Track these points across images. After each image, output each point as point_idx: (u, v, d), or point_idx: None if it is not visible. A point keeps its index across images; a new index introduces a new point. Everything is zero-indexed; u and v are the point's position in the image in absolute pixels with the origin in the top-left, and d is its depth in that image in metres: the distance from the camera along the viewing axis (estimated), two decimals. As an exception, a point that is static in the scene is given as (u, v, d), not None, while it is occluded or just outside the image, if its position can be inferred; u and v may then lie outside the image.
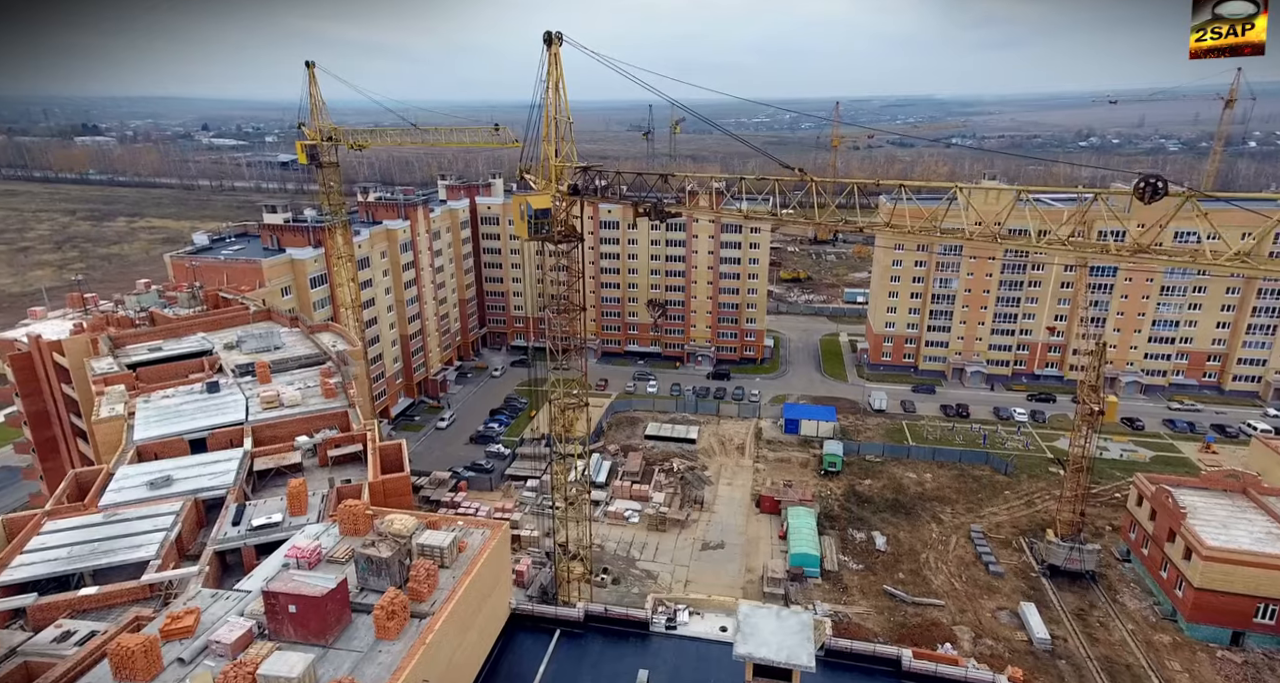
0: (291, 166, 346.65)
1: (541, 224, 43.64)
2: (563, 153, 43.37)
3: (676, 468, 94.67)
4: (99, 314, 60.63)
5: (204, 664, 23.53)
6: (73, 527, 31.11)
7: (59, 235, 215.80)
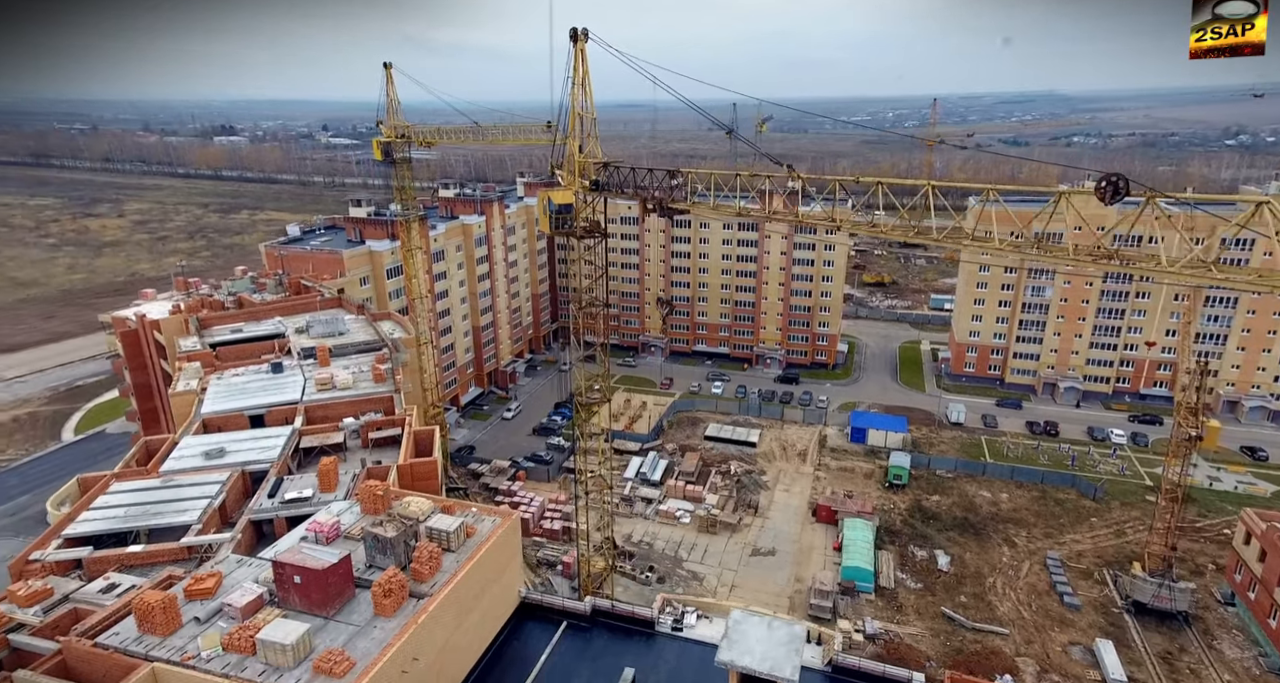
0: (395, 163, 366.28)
1: (563, 219, 44.23)
2: (587, 149, 43.78)
3: (734, 471, 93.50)
4: (197, 297, 66.55)
5: (216, 625, 25.52)
6: (134, 489, 34.54)
7: (192, 226, 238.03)
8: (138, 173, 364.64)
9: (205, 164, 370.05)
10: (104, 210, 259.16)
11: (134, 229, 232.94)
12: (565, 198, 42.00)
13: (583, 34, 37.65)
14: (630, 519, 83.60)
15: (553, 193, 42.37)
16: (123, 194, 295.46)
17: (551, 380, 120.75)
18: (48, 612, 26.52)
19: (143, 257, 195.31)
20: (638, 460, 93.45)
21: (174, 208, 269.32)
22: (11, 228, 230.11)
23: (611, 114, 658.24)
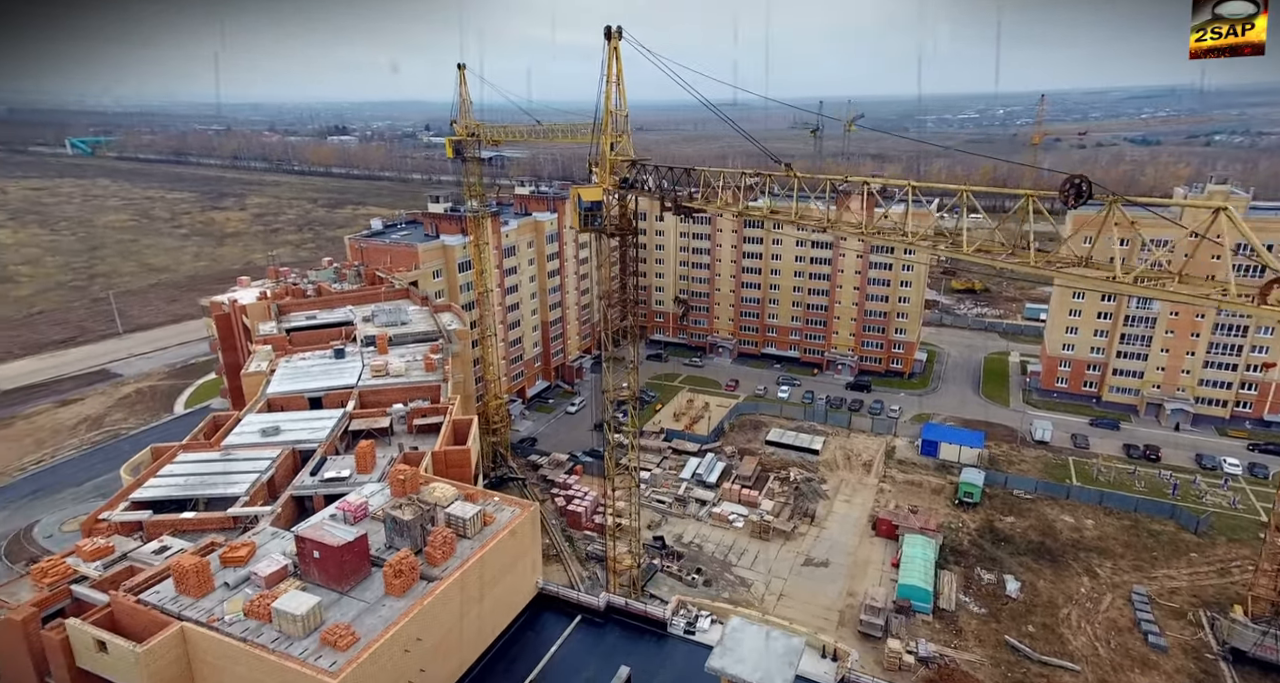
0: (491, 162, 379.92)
1: (593, 216, 44.57)
2: (618, 147, 43.89)
3: (793, 478, 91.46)
4: (283, 285, 71.71)
5: (243, 592, 27.58)
6: (196, 460, 37.79)
7: (301, 219, 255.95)
8: (260, 170, 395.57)
9: (318, 162, 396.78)
10: (228, 204, 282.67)
11: (252, 221, 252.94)
12: (594, 195, 42.47)
13: (617, 32, 37.85)
14: (683, 520, 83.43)
15: (582, 190, 42.96)
16: (246, 189, 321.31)
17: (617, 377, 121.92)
18: (107, 568, 29.50)
19: (257, 247, 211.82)
20: (695, 461, 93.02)
21: (288, 202, 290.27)
22: (151, 219, 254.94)
23: (703, 114, 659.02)
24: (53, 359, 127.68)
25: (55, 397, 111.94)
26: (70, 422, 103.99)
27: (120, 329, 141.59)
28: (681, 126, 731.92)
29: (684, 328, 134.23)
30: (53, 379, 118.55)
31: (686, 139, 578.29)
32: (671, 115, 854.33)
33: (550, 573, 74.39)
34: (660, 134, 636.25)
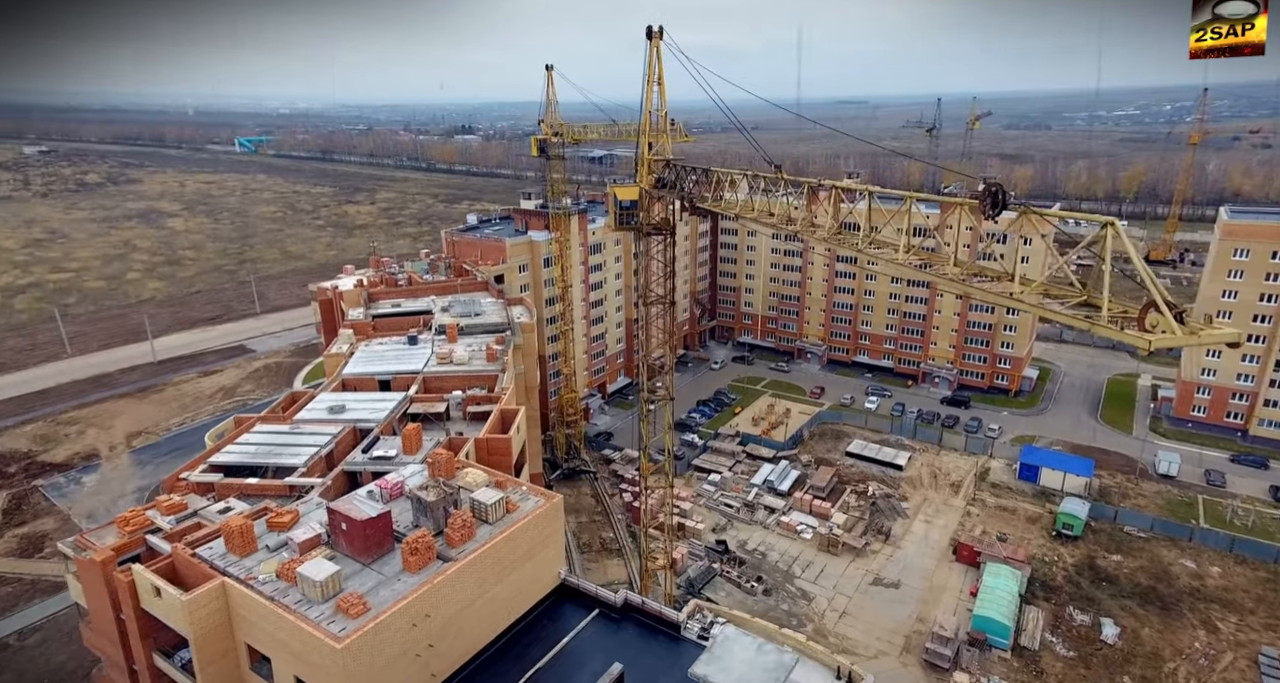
0: (601, 161, 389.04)
1: (629, 215, 44.56)
2: (656, 147, 43.61)
3: (871, 492, 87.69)
4: (380, 274, 77.16)
5: (280, 555, 30.24)
6: (269, 431, 41.67)
7: (422, 213, 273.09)
8: (391, 166, 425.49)
9: (443, 159, 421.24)
10: (360, 198, 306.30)
11: (379, 215, 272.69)
12: (630, 194, 42.62)
13: (658, 33, 37.73)
14: (749, 526, 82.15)
15: (619, 189, 43.29)
16: (377, 184, 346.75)
17: (700, 378, 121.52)
18: (179, 522, 33.25)
19: (380, 238, 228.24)
20: (768, 468, 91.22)
21: (412, 197, 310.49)
22: (296, 211, 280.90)
23: (824, 112, 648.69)
24: (201, 334, 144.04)
25: (199, 367, 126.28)
26: (209, 390, 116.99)
27: (258, 309, 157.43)
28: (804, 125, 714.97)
29: (773, 332, 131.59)
30: (199, 352, 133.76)
31: (802, 138, 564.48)
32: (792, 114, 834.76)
33: (611, 567, 75.58)
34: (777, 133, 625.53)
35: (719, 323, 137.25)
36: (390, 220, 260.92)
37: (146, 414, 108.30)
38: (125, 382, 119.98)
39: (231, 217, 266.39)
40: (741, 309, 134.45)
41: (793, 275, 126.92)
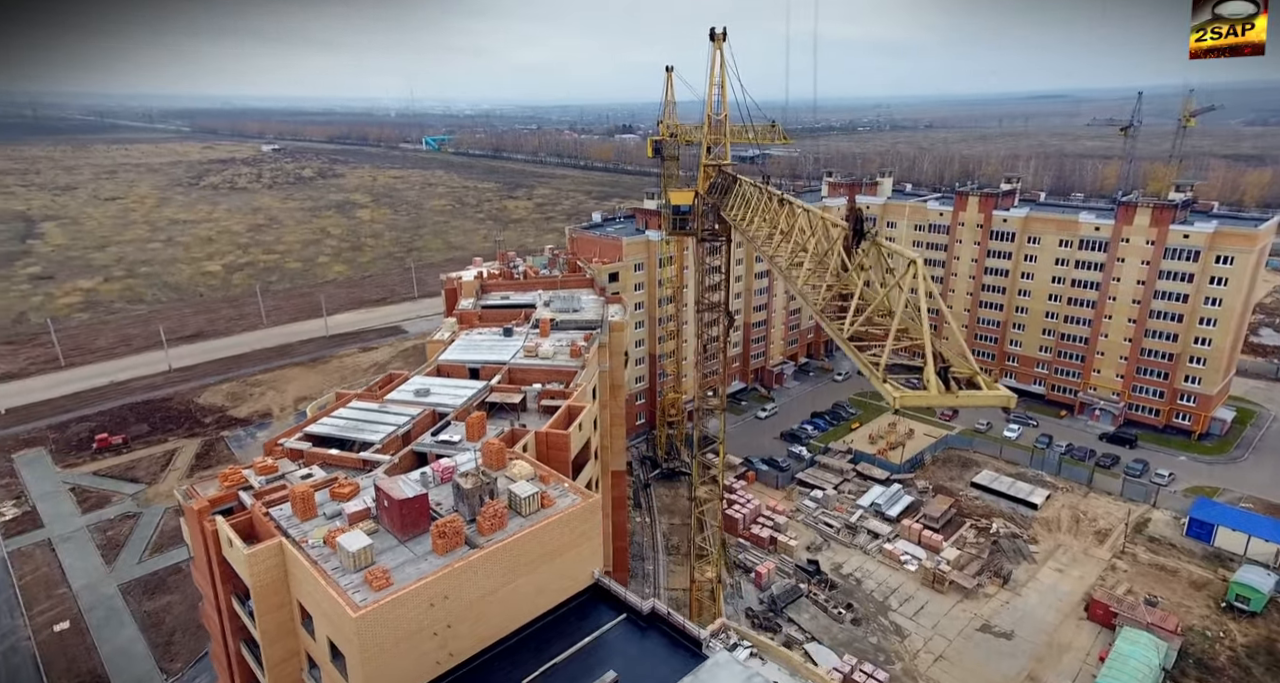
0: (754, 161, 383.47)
1: (682, 220, 43.06)
2: (714, 152, 41.70)
3: (995, 530, 79.68)
4: (501, 268, 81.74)
5: (333, 523, 33.20)
6: (361, 407, 45.73)
7: (572, 209, 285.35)
8: (553, 164, 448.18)
9: (600, 158, 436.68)
10: (520, 194, 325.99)
11: (533, 210, 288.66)
12: (684, 199, 41.45)
13: (721, 35, 36.22)
14: (848, 549, 77.83)
15: (673, 193, 42.20)
16: (537, 181, 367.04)
17: (820, 388, 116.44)
18: (268, 482, 37.59)
19: (530, 232, 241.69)
20: (878, 490, 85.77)
21: (566, 194, 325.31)
22: (463, 205, 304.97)
23: (1017, 107, 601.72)
24: (366, 314, 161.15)
25: (360, 344, 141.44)
26: (364, 365, 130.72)
27: (415, 294, 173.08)
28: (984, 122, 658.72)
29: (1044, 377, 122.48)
30: (362, 330, 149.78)
31: (981, 137, 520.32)
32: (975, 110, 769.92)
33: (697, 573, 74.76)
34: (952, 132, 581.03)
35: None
36: (543, 215, 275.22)
37: (313, 382, 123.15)
38: (301, 352, 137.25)
39: (409, 209, 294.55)
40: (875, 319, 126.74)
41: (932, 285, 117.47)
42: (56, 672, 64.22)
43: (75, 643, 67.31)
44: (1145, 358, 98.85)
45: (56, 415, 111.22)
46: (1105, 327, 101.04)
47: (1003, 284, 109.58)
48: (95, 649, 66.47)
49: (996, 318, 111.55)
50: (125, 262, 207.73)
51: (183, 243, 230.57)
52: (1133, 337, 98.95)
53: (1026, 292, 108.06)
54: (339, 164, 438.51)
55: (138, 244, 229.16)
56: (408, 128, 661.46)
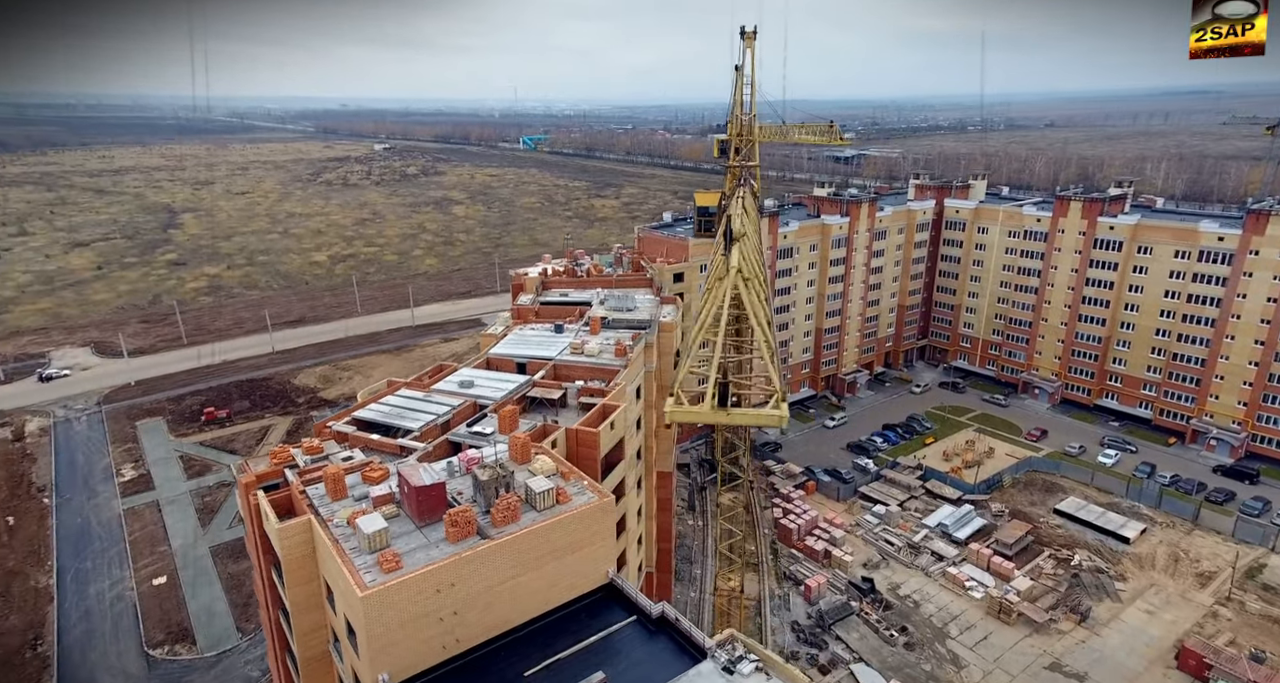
0: (849, 161, 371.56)
1: (708, 222, 41.60)
2: (743, 152, 40.00)
3: (1077, 562, 73.75)
4: (567, 265, 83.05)
5: (360, 505, 34.74)
6: (407, 395, 47.57)
7: (659, 208, 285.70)
8: (643, 163, 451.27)
9: (690, 158, 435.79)
10: (608, 193, 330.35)
11: (619, 209, 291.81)
12: (708, 200, 40.35)
13: (752, 33, 34.85)
14: (908, 569, 74.09)
15: (700, 194, 41.07)
16: (626, 180, 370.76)
17: (895, 400, 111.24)
18: (313, 462, 39.84)
19: (614, 231, 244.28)
20: (947, 510, 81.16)
21: (653, 193, 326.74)
22: (552, 202, 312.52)
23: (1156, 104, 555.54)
24: (451, 306, 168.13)
25: (442, 335, 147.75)
26: (443, 355, 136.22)
27: (498, 289, 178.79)
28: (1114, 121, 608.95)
29: (995, 359, 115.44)
30: (445, 321, 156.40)
31: (1108, 137, 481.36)
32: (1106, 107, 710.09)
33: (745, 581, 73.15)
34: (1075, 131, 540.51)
35: (930, 343, 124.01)
36: (628, 214, 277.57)
37: (396, 369, 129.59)
38: (388, 340, 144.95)
39: (500, 206, 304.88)
40: (959, 330, 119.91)
41: (1026, 297, 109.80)
42: (152, 621, 70.84)
43: (169, 597, 74.02)
44: (1275, 384, 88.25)
45: (174, 389, 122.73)
46: (1227, 348, 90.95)
47: (1106, 297, 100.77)
48: (185, 604, 72.83)
49: (1098, 333, 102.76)
50: (246, 251, 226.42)
51: (296, 235, 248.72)
52: (1260, 360, 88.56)
53: (1134, 306, 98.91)
54: (441, 162, 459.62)
55: (258, 235, 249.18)
56: (508, 128, 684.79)
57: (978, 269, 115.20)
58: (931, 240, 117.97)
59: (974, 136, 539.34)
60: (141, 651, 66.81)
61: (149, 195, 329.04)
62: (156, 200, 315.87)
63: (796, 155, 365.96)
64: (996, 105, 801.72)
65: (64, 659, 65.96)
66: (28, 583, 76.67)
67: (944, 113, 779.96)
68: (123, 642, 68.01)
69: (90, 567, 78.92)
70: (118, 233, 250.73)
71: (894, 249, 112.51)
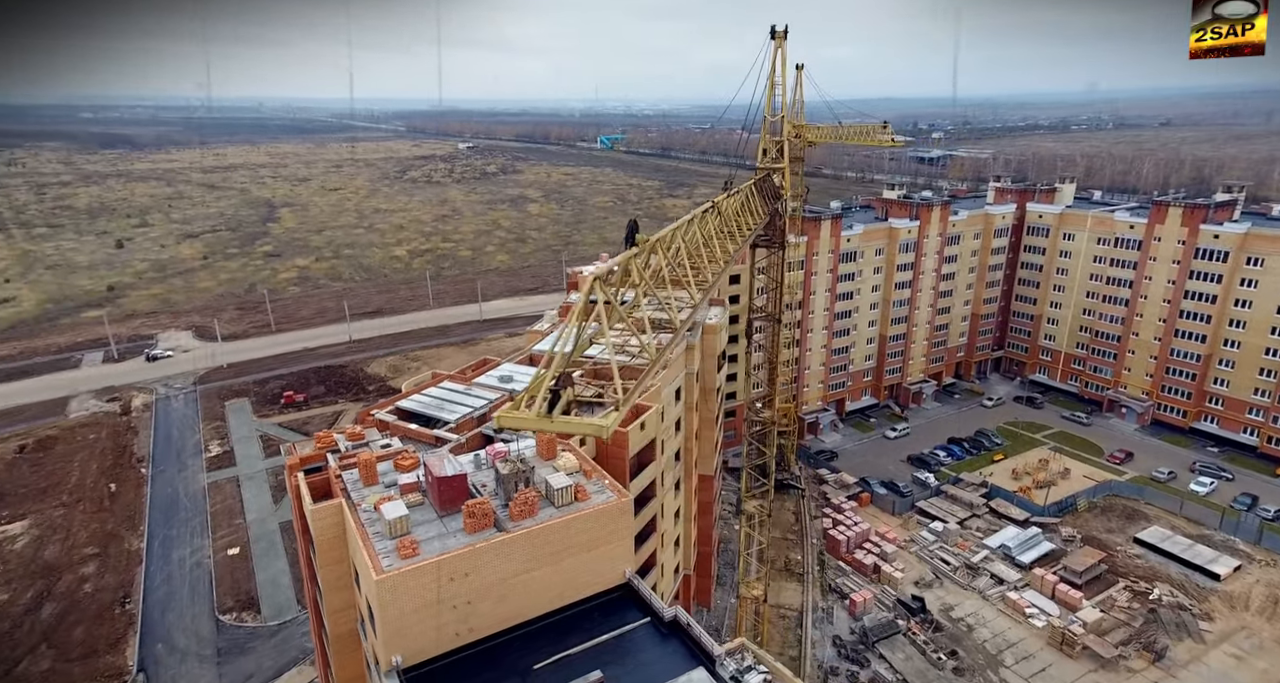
0: (934, 162, 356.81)
1: None
2: (770, 154, 38.47)
3: (1157, 596, 68.36)
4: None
5: (388, 492, 36.01)
6: (448, 388, 48.95)
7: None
8: (718, 163, 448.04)
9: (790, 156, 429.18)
10: (680, 193, 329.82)
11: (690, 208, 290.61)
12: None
13: (782, 33, 33.57)
14: (963, 590, 70.57)
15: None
16: (700, 180, 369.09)
17: (965, 413, 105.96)
18: (354, 447, 41.63)
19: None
20: (1012, 532, 76.84)
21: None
22: (623, 201, 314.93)
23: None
24: (518, 302, 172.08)
25: (507, 329, 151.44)
26: (507, 349, 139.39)
27: (564, 286, 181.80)
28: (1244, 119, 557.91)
29: (1078, 374, 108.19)
30: (511, 317, 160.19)
31: (1236, 137, 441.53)
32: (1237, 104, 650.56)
33: (784, 591, 71.57)
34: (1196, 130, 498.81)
35: (1007, 355, 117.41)
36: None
37: (461, 361, 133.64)
38: (456, 333, 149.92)
39: (573, 204, 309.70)
40: (1039, 342, 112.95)
41: (1116, 309, 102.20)
42: (224, 588, 75.95)
43: (240, 567, 79.13)
44: (1403, 413, 78.79)
45: (260, 372, 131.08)
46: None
47: (1208, 312, 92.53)
48: (254, 575, 77.68)
49: (1196, 351, 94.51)
50: (334, 244, 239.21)
51: (380, 230, 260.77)
52: (1386, 385, 79.24)
53: (1240, 322, 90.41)
54: (519, 161, 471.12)
55: (346, 229, 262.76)
56: (587, 127, 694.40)
57: (1062, 278, 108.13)
58: (1011, 246, 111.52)
59: (1077, 136, 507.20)
60: (213, 615, 71.70)
61: (253, 191, 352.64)
62: (259, 195, 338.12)
63: (878, 156, 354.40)
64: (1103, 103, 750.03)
65: (146, 617, 71.63)
66: (122, 545, 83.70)
67: (1045, 111, 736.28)
68: (197, 606, 73.20)
69: (175, 534, 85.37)
70: (223, 226, 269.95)
71: (968, 255, 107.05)
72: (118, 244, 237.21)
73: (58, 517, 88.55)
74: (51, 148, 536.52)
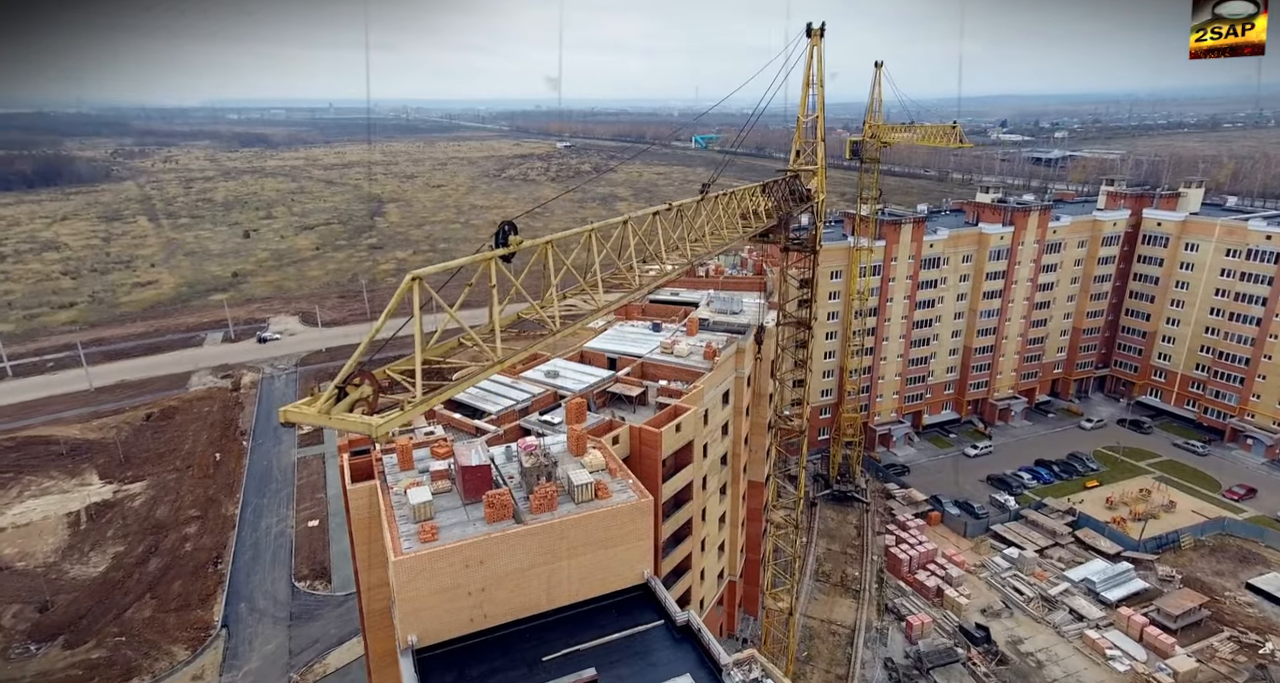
0: (1052, 164, 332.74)
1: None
2: (804, 156, 36.24)
3: (1269, 650, 61.05)
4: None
5: (420, 477, 37.36)
6: (496, 379, 50.04)
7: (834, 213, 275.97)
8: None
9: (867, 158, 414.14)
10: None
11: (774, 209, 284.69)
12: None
13: (819, 31, 31.61)
14: (1035, 624, 65.60)
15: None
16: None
17: (1058, 433, 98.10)
18: (401, 432, 43.58)
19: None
20: (1099, 566, 70.79)
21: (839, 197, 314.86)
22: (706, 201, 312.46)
23: None
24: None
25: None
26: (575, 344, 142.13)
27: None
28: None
29: (1196, 398, 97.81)
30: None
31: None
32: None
33: (837, 607, 68.83)
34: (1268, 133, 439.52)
35: (1113, 374, 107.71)
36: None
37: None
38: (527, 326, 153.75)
39: (659, 203, 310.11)
40: (1152, 361, 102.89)
41: (1246, 329, 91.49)
42: (302, 556, 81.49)
43: (318, 539, 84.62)
44: None
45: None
46: None
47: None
48: (328, 547, 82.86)
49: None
50: (431, 238, 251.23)
51: (475, 225, 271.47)
52: None
53: (1396, 346, 78.78)
54: (614, 160, 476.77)
55: (444, 224, 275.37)
56: (683, 127, 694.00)
57: (1181, 292, 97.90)
58: (1123, 256, 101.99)
59: (1229, 134, 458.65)
60: (290, 581, 77.07)
61: (365, 187, 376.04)
62: (370, 191, 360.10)
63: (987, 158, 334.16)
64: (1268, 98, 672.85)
65: (234, 578, 77.91)
66: (220, 511, 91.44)
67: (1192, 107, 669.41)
68: (277, 572, 78.87)
69: (266, 503, 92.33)
70: (336, 219, 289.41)
71: (1071, 264, 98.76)
72: (245, 234, 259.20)
73: (170, 480, 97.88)
74: (200, 146, 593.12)
